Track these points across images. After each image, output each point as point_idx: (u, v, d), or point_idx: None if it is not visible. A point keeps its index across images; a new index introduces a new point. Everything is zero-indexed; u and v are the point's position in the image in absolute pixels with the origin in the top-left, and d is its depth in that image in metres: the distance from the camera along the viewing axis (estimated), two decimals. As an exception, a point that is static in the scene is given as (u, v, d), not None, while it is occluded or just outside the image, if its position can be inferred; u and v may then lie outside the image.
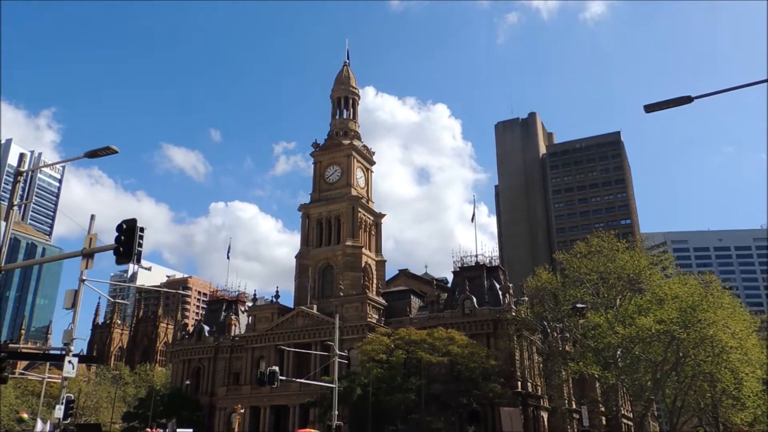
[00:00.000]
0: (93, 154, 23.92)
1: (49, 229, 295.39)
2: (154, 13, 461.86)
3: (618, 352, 56.38)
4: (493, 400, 63.97)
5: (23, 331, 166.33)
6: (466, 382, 62.49)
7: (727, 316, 53.41)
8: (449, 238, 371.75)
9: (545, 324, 72.32)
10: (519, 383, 70.38)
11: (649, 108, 19.98)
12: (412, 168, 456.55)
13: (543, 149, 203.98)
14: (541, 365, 75.23)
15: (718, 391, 54.68)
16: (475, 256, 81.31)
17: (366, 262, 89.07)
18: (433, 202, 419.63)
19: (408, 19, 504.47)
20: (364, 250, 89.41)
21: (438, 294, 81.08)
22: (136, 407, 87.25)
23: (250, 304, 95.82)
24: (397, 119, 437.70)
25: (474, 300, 74.93)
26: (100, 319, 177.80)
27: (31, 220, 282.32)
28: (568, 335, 71.31)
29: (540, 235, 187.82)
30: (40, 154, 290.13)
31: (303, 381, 60.32)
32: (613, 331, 53.39)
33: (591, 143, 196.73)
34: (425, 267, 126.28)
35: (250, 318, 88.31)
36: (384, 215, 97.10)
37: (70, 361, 26.55)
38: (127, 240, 21.70)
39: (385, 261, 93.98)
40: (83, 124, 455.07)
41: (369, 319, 77.06)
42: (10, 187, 26.38)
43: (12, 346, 32.64)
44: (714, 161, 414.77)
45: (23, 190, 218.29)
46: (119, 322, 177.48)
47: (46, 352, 37.11)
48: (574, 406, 78.44)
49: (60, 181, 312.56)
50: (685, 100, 19.56)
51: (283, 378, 51.51)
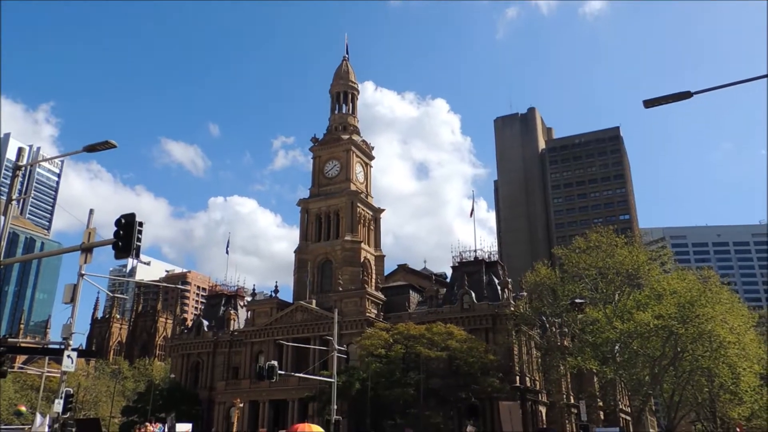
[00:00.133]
0: (92, 149, 23.95)
1: (47, 223, 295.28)
2: (152, 7, 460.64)
3: (616, 347, 56.47)
4: (491, 394, 64.14)
5: (22, 326, 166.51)
6: (465, 377, 62.61)
7: (725, 311, 53.61)
8: (448, 233, 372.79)
9: (544, 319, 72.45)
10: (517, 378, 70.50)
11: (649, 103, 19.96)
12: (411, 163, 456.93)
13: (542, 144, 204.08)
14: (539, 360, 75.39)
15: (716, 385, 54.95)
16: (474, 251, 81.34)
17: (365, 257, 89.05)
18: (432, 197, 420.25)
19: (408, 14, 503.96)
20: (363, 245, 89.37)
21: (437, 289, 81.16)
22: (135, 401, 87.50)
23: (249, 298, 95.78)
24: (396, 114, 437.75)
25: (473, 295, 74.95)
26: (99, 314, 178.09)
27: (29, 214, 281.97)
28: (566, 330, 71.41)
29: (539, 231, 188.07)
30: (38, 148, 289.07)
31: (302, 375, 60.26)
32: (611, 326, 53.54)
33: (590, 138, 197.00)
34: (424, 262, 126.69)
35: (249, 313, 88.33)
36: (383, 210, 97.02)
37: (69, 356, 26.59)
38: (126, 234, 21.70)
39: (384, 256, 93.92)
40: (82, 118, 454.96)
41: (368, 314, 77.10)
42: (9, 182, 26.30)
43: (11, 340, 32.63)
44: (713, 157, 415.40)
45: (22, 184, 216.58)
46: (118, 317, 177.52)
47: (45, 347, 37.24)
48: (572, 401, 78.73)
49: (59, 175, 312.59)
50: (685, 96, 19.54)
51: (282, 372, 51.48)
